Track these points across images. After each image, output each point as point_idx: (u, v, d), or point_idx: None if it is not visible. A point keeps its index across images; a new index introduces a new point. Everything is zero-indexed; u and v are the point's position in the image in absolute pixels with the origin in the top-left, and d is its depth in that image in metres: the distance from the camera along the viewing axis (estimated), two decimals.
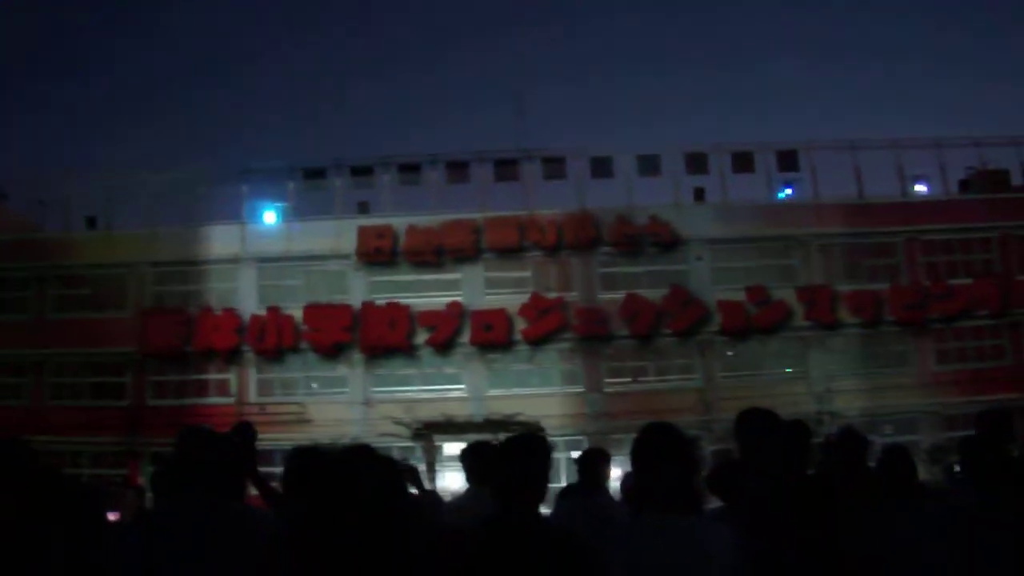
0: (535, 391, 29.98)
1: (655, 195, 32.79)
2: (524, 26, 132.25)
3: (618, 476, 6.53)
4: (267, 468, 5.75)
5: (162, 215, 32.05)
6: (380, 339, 30.36)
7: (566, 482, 6.50)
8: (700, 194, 32.72)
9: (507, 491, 3.34)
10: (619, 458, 5.74)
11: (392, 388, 30.55)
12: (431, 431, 27.86)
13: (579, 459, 6.22)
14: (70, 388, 31.36)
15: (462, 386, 30.76)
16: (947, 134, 39.85)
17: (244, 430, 5.65)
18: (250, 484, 4.98)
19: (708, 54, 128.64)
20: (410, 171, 32.84)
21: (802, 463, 4.63)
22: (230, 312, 30.94)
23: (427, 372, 30.87)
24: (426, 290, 31.00)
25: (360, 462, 3.54)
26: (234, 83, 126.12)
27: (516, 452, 3.43)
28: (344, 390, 30.76)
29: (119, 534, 5.28)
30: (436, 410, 28.46)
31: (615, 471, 6.39)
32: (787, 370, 30.71)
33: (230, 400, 30.28)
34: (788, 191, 33.38)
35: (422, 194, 33.05)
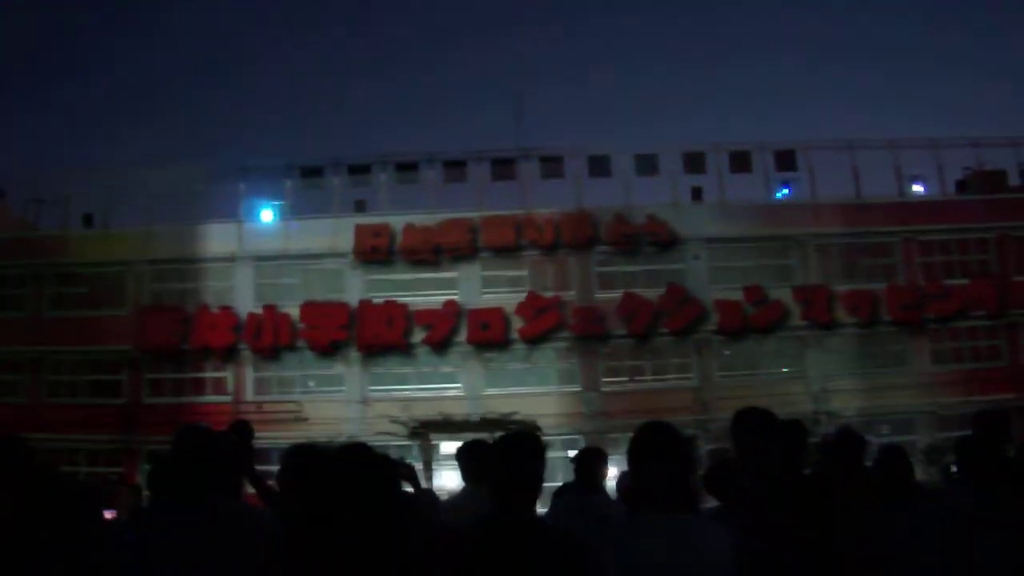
0: (532, 390, 29.96)
1: (653, 194, 32.88)
2: (523, 26, 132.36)
3: (614, 475, 6.53)
4: (264, 466, 5.75)
5: (159, 213, 32.11)
6: (377, 338, 30.34)
7: (562, 481, 6.48)
8: (698, 193, 32.70)
9: (503, 490, 3.34)
10: (616, 457, 5.75)
11: (389, 387, 30.51)
12: (428, 430, 27.85)
13: (575, 458, 6.22)
14: (67, 386, 31.30)
15: (459, 385, 30.75)
16: (946, 134, 39.81)
17: (241, 428, 5.66)
18: (247, 482, 4.98)
19: (707, 54, 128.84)
20: (407, 170, 32.82)
21: (799, 463, 4.63)
22: (227, 310, 30.91)
23: (424, 371, 30.84)
24: (423, 289, 30.98)
25: (357, 461, 3.54)
26: (233, 83, 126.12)
27: (510, 451, 3.43)
28: (341, 389, 30.73)
29: (116, 532, 5.28)
30: (433, 409, 28.46)
31: (612, 470, 6.39)
32: (784, 370, 30.69)
33: (227, 398, 30.25)
34: (785, 191, 33.37)
35: (419, 193, 33.10)
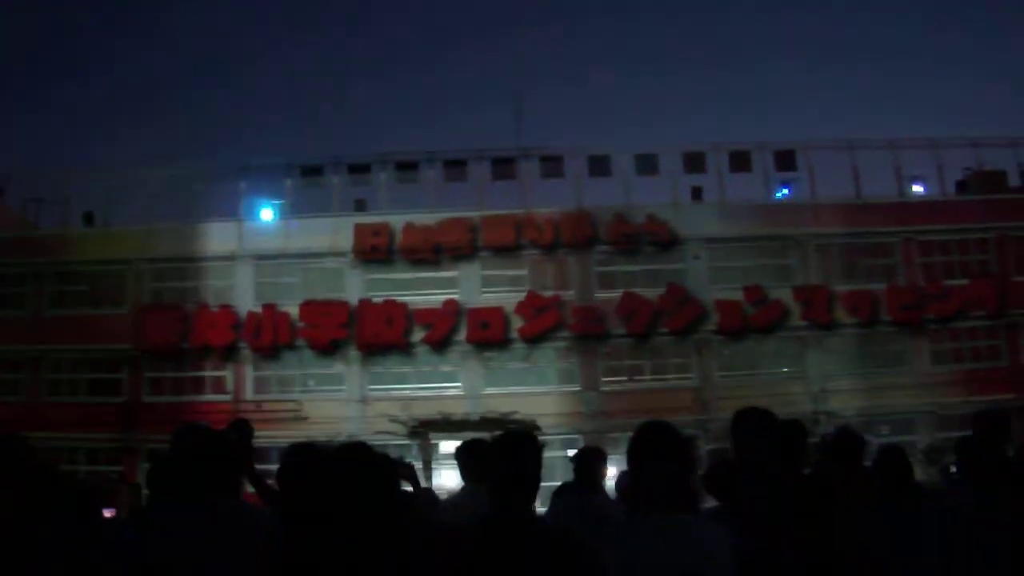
0: (531, 389, 29.94)
1: (653, 194, 32.88)
2: (523, 26, 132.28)
3: (614, 475, 6.54)
4: (263, 465, 5.75)
5: (160, 212, 32.06)
6: (377, 336, 30.33)
7: (562, 481, 6.48)
8: (698, 193, 32.67)
9: (502, 490, 3.34)
10: (615, 457, 5.74)
11: (388, 386, 30.48)
12: (427, 429, 27.83)
13: (575, 458, 6.22)
14: (67, 384, 31.28)
15: (458, 384, 30.73)
16: (946, 134, 39.79)
17: (241, 427, 5.66)
18: (247, 481, 4.98)
19: (707, 54, 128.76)
20: (407, 169, 32.79)
21: (798, 463, 4.64)
22: (227, 309, 30.88)
23: (423, 370, 30.81)
24: (423, 288, 30.96)
25: (356, 460, 3.54)
26: (234, 82, 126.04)
27: (506, 451, 3.44)
28: (340, 388, 30.70)
29: (115, 531, 5.28)
30: (432, 408, 28.44)
31: (611, 470, 6.39)
32: (784, 370, 30.66)
33: (226, 397, 30.24)
34: (785, 191, 33.35)
35: (419, 192, 33.05)
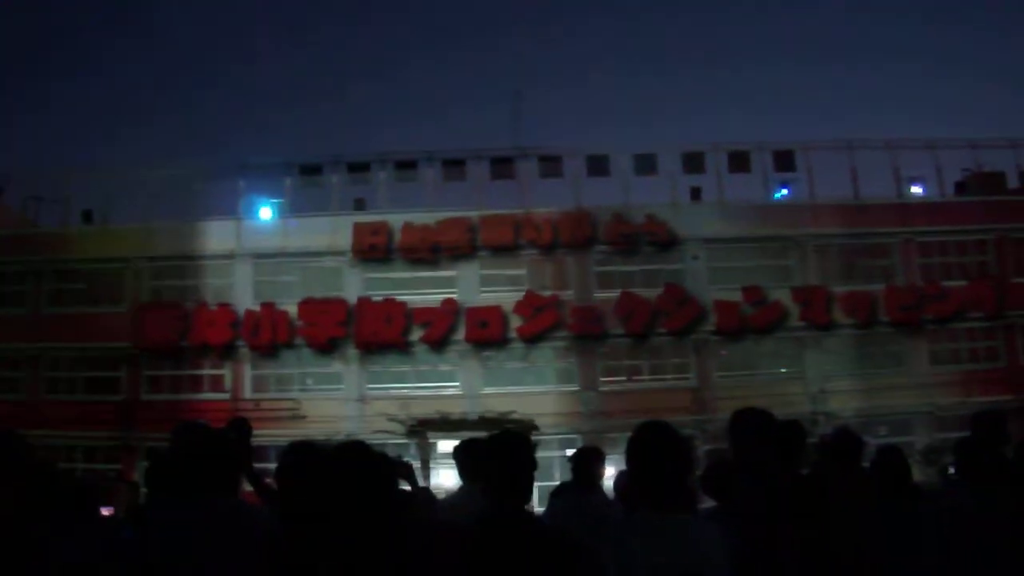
0: (530, 389, 29.95)
1: (651, 194, 32.82)
2: (523, 26, 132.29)
3: (612, 475, 6.54)
4: (262, 464, 5.75)
5: (159, 210, 32.01)
6: (375, 335, 30.32)
7: (560, 480, 6.48)
8: (696, 193, 32.64)
9: (499, 490, 3.35)
10: (613, 457, 5.75)
11: (387, 385, 30.46)
12: (426, 428, 27.85)
13: (573, 457, 6.24)
14: (65, 382, 31.24)
15: (457, 383, 30.71)
16: (946, 134, 39.82)
17: (239, 426, 5.66)
18: (245, 480, 4.98)
19: (706, 54, 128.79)
20: (406, 168, 32.79)
21: (796, 463, 4.64)
22: (225, 307, 30.85)
23: (422, 369, 30.80)
24: (421, 287, 30.95)
25: (354, 459, 3.54)
26: (233, 82, 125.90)
27: (501, 451, 3.45)
28: (339, 386, 30.67)
29: (113, 529, 5.28)
30: (431, 407, 28.46)
31: (609, 470, 6.40)
32: (782, 370, 30.67)
33: (225, 396, 30.23)
34: (784, 191, 33.38)
35: (418, 191, 33.03)
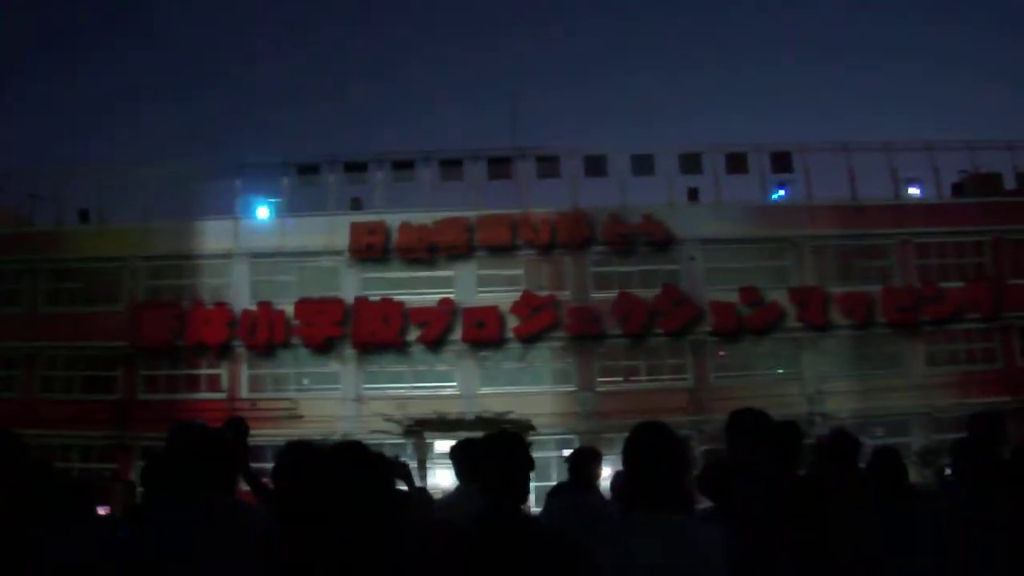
0: (527, 389, 29.95)
1: (649, 195, 32.68)
2: (522, 26, 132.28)
3: (609, 475, 6.54)
4: (258, 464, 5.74)
5: (156, 210, 31.96)
6: (372, 335, 30.30)
7: (557, 481, 6.48)
8: (694, 194, 32.64)
9: (495, 490, 3.35)
10: (610, 457, 5.75)
11: (384, 385, 30.45)
12: (422, 428, 27.86)
13: (570, 458, 6.24)
14: (61, 381, 31.21)
15: (454, 383, 30.70)
16: (945, 135, 39.92)
17: (236, 425, 5.64)
18: (241, 480, 4.97)
19: (704, 54, 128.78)
20: (404, 168, 32.77)
21: (793, 464, 4.64)
22: (222, 307, 30.81)
23: (419, 369, 30.79)
24: (419, 287, 30.93)
25: (351, 459, 3.53)
26: (233, 82, 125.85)
27: (496, 452, 3.45)
28: (336, 386, 30.65)
29: (109, 528, 5.27)
30: (428, 407, 28.46)
31: (606, 470, 6.40)
32: (779, 371, 30.73)
33: (221, 395, 30.20)
34: (782, 192, 33.42)
35: (416, 191, 33.01)
